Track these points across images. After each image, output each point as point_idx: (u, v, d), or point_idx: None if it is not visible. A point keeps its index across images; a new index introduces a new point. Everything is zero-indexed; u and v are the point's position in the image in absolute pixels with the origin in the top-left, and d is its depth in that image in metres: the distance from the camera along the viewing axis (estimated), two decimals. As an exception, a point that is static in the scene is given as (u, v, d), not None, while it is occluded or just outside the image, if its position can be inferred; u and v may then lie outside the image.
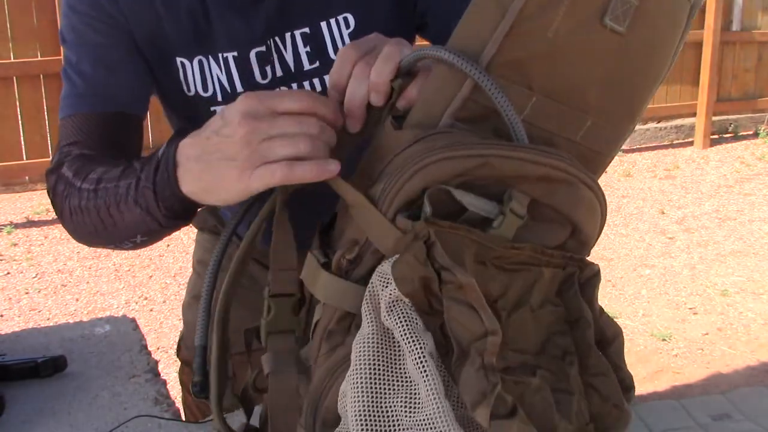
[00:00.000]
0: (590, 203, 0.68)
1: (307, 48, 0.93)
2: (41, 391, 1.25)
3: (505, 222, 0.63)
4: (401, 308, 0.60)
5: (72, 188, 0.88)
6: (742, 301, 3.73)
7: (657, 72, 0.70)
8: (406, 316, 0.60)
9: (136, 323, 1.51)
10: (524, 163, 0.63)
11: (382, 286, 0.61)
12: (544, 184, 0.65)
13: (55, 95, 4.78)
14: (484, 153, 0.62)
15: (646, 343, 3.31)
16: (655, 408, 2.72)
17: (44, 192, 5.36)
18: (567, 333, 0.68)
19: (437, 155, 0.62)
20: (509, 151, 0.63)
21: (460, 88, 0.65)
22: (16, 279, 3.90)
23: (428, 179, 0.62)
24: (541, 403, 0.62)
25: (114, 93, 0.94)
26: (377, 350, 0.61)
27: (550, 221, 0.67)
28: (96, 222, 0.86)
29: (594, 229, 0.71)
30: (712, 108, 6.59)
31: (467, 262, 0.62)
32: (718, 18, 6.48)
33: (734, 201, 5.30)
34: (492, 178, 0.63)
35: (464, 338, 0.59)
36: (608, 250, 4.39)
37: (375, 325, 0.61)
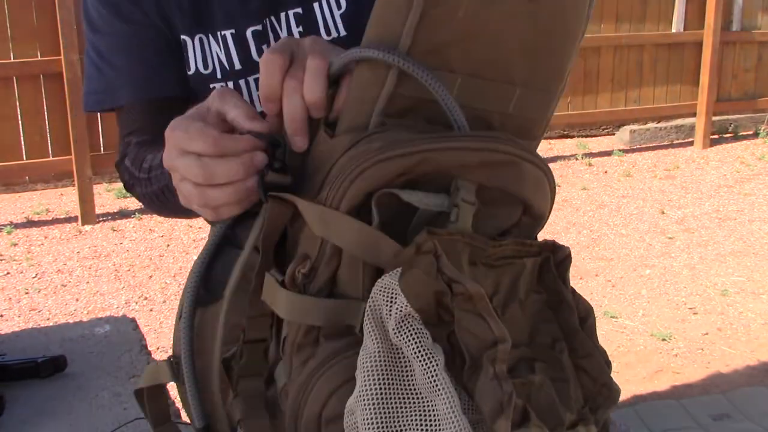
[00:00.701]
0: (536, 178, 0.68)
1: (299, 28, 0.93)
2: (41, 391, 1.25)
3: (460, 213, 0.63)
4: (411, 324, 0.59)
5: (134, 178, 0.93)
6: (742, 301, 3.73)
7: (574, 29, 0.70)
8: (416, 331, 0.59)
9: (136, 323, 1.51)
10: (462, 152, 0.63)
11: (386, 301, 0.60)
12: (486, 169, 0.65)
13: (55, 95, 4.78)
14: (420, 149, 0.62)
15: (646, 343, 3.31)
16: (655, 408, 2.72)
17: (44, 192, 5.37)
18: (552, 319, 0.69)
19: (374, 158, 0.62)
20: (445, 143, 0.63)
21: (383, 84, 0.65)
22: (16, 279, 3.90)
23: (370, 183, 0.62)
24: (546, 399, 0.63)
25: (149, 81, 0.95)
26: (385, 367, 0.60)
27: (501, 203, 0.67)
28: (160, 205, 0.91)
29: (545, 203, 0.70)
30: (712, 108, 6.59)
31: (464, 267, 0.62)
32: (718, 18, 6.48)
33: (734, 201, 5.30)
34: (434, 173, 0.63)
35: (475, 348, 0.59)
36: (608, 250, 4.39)
37: (380, 341, 0.60)
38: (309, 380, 0.64)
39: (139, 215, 4.77)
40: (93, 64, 0.97)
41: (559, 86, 0.72)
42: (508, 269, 0.66)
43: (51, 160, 4.89)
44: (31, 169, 4.95)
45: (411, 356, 0.59)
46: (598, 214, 4.99)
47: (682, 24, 6.69)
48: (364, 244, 0.63)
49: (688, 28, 6.69)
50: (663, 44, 6.68)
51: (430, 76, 0.63)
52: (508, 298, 0.66)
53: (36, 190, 5.18)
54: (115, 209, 4.92)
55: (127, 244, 4.40)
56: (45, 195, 5.13)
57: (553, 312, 0.69)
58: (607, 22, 6.49)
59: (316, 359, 0.65)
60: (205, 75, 0.95)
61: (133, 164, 0.93)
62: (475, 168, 0.64)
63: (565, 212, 4.97)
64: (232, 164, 0.66)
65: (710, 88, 6.55)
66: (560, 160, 6.10)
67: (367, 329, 0.61)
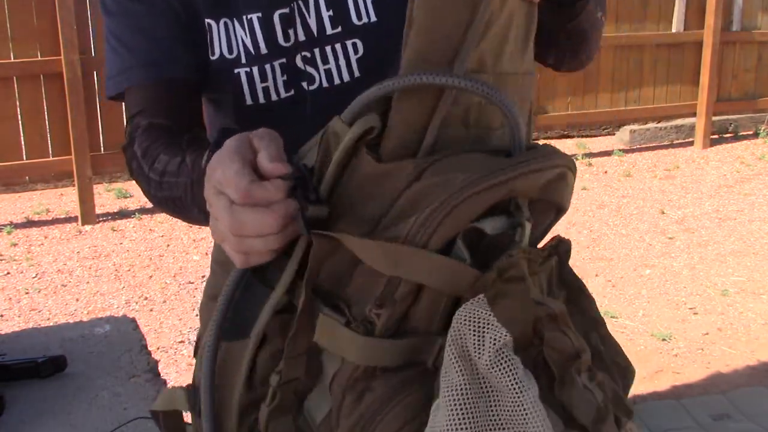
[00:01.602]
0: (571, 183, 0.69)
1: (329, 12, 0.92)
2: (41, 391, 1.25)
3: (524, 231, 0.63)
4: (507, 354, 0.58)
5: (142, 172, 0.91)
6: (742, 301, 3.73)
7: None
8: (512, 361, 0.58)
9: (136, 323, 1.51)
10: (536, 175, 0.63)
11: (473, 332, 0.58)
12: (545, 186, 0.65)
13: (55, 95, 4.78)
14: (506, 179, 0.61)
15: (646, 343, 3.31)
16: (655, 408, 2.72)
17: (44, 192, 5.36)
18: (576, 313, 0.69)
19: (463, 193, 0.59)
20: (522, 169, 0.62)
21: (437, 101, 0.62)
22: (16, 279, 3.90)
23: (461, 221, 0.60)
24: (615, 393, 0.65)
25: (160, 62, 0.94)
26: (473, 400, 0.59)
27: (543, 211, 0.68)
28: (167, 209, 0.91)
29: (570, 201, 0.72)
30: (712, 108, 6.59)
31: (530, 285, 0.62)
32: (718, 18, 6.48)
33: (734, 201, 5.30)
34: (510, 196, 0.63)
35: (561, 363, 0.60)
36: (608, 250, 4.39)
37: (466, 373, 0.59)
38: (371, 418, 0.62)
39: (139, 215, 4.77)
40: (110, 48, 0.96)
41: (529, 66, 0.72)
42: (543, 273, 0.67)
43: (51, 160, 4.89)
44: (31, 169, 4.95)
45: (505, 388, 0.57)
46: (598, 214, 4.99)
47: (682, 24, 6.69)
48: (444, 276, 0.61)
49: (688, 28, 6.69)
50: (663, 44, 6.68)
51: (495, 91, 0.61)
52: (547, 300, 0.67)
53: (36, 190, 5.18)
54: (115, 209, 4.92)
55: (127, 244, 4.40)
56: (45, 195, 5.13)
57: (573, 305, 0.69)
58: (607, 22, 6.47)
59: (373, 394, 0.63)
60: (229, 59, 0.94)
61: (144, 158, 0.91)
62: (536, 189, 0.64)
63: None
64: (264, 216, 0.62)
65: (710, 88, 6.55)
66: (560, 160, 6.10)
67: (450, 362, 0.59)
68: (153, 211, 4.85)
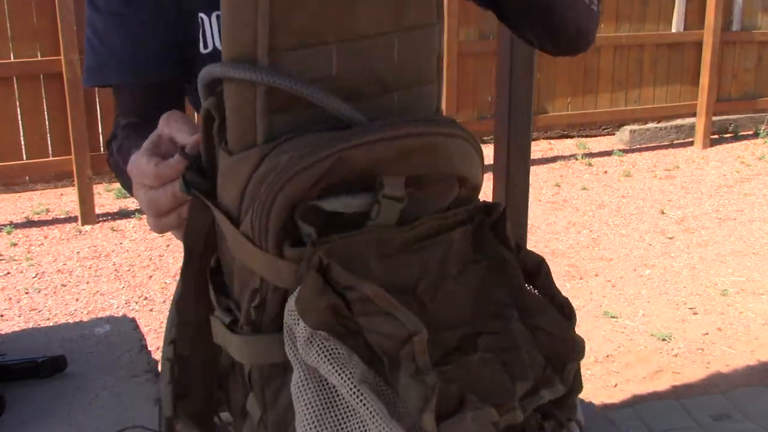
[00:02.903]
0: (461, 149, 0.65)
1: None
2: (41, 391, 1.25)
3: (381, 210, 0.60)
4: (319, 342, 0.57)
5: (118, 167, 0.95)
6: (742, 301, 3.73)
7: None
8: (326, 348, 0.57)
9: (136, 323, 1.51)
10: (377, 145, 0.60)
11: (294, 324, 0.58)
12: (409, 158, 0.62)
13: (55, 95, 4.78)
14: (334, 150, 0.59)
15: (646, 343, 3.30)
16: (655, 408, 2.72)
17: (44, 192, 5.36)
18: (498, 284, 0.65)
19: (290, 171, 0.58)
20: (358, 139, 0.60)
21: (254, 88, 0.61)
22: (16, 279, 3.90)
23: (290, 199, 0.59)
24: (491, 376, 0.60)
25: (140, 65, 0.95)
26: (314, 392, 0.58)
27: (436, 184, 0.64)
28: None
29: (477, 170, 0.68)
30: (712, 108, 6.59)
31: (373, 264, 0.60)
32: (718, 18, 6.48)
33: (734, 201, 5.30)
34: (357, 171, 0.60)
35: (391, 347, 0.57)
36: (608, 250, 4.39)
37: (303, 366, 0.59)
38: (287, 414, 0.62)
39: (139, 215, 4.77)
40: (89, 41, 0.98)
41: (432, 16, 0.67)
42: (432, 249, 0.63)
43: (51, 160, 4.89)
44: (31, 169, 4.95)
45: (327, 375, 0.57)
46: (598, 214, 4.99)
47: (682, 24, 6.69)
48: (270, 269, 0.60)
49: (688, 28, 6.69)
50: (663, 44, 6.68)
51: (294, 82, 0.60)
52: (438, 278, 0.63)
53: (36, 190, 5.18)
54: (115, 209, 4.92)
55: (127, 244, 4.40)
56: (45, 195, 5.13)
57: (498, 276, 0.66)
58: (607, 22, 6.49)
59: (287, 388, 0.62)
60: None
61: (119, 152, 0.95)
62: (396, 161, 0.61)
63: (565, 212, 4.97)
64: (168, 190, 0.68)
65: (710, 88, 6.55)
66: (560, 160, 6.10)
67: (289, 355, 0.59)
68: (153, 211, 4.85)
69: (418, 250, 0.63)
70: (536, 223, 4.70)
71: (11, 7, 4.71)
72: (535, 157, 5.94)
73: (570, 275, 4.02)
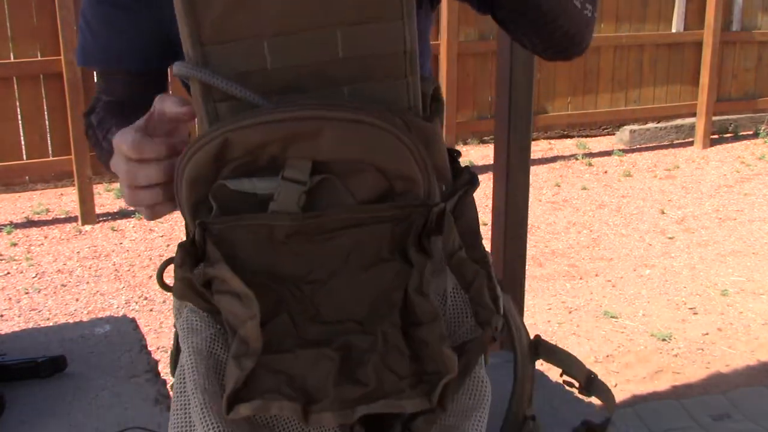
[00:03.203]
0: (374, 137, 0.64)
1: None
2: (41, 391, 1.24)
3: (282, 192, 0.63)
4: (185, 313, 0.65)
5: (97, 140, 0.99)
6: (742, 301, 3.73)
7: None
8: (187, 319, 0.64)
9: (136, 323, 1.51)
10: (264, 127, 0.63)
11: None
12: (310, 142, 0.63)
13: (55, 95, 4.78)
14: (217, 133, 0.63)
15: (646, 343, 3.30)
16: (655, 408, 2.72)
17: (44, 192, 5.35)
18: (399, 287, 0.65)
19: (186, 154, 0.65)
20: (244, 121, 0.63)
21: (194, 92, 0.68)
22: (16, 279, 3.90)
23: (193, 177, 0.65)
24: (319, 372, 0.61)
25: (122, 54, 0.97)
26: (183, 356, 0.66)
27: (352, 172, 0.65)
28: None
29: (401, 162, 0.65)
30: (712, 108, 6.59)
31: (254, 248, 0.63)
32: (718, 18, 6.48)
33: (734, 201, 5.30)
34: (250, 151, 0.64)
35: (235, 326, 0.61)
36: (608, 250, 4.39)
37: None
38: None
39: (139, 215, 4.77)
40: (81, 24, 1.00)
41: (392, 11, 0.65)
42: (337, 240, 0.64)
43: (51, 160, 4.89)
44: (31, 169, 4.95)
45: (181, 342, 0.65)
46: (598, 214, 4.99)
47: (682, 24, 6.69)
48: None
49: (688, 28, 6.69)
50: (663, 44, 6.67)
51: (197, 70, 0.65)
52: (335, 271, 0.64)
53: (36, 190, 5.18)
54: (115, 209, 4.92)
55: (127, 244, 4.40)
56: (45, 195, 5.13)
57: (402, 279, 0.65)
58: (607, 22, 6.49)
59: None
60: None
61: (99, 126, 0.99)
62: (288, 143, 0.63)
63: (565, 212, 4.97)
64: (150, 169, 0.71)
65: (710, 88, 6.55)
66: (560, 160, 6.10)
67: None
68: (153, 211, 4.85)
69: (318, 241, 0.64)
70: (536, 223, 4.70)
71: (11, 7, 4.70)
72: (535, 157, 5.94)
73: (570, 275, 4.02)
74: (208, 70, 0.64)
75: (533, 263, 4.08)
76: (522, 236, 2.22)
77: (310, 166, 0.63)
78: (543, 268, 4.10)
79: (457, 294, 0.69)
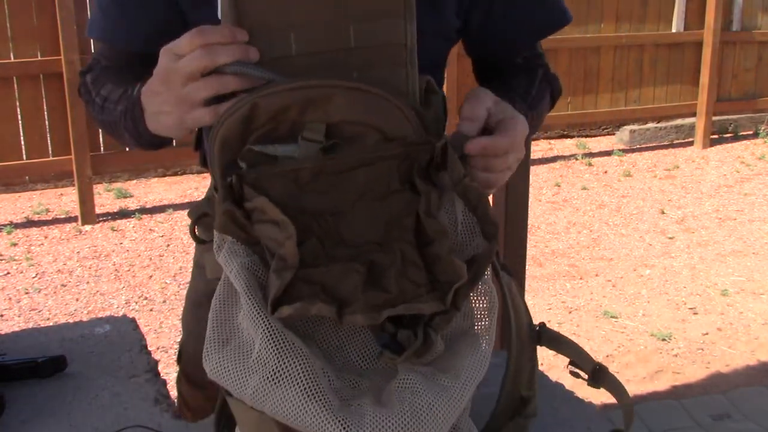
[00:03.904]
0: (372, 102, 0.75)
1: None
2: (41, 391, 1.24)
3: (300, 149, 0.74)
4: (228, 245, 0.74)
5: (90, 96, 1.03)
6: (742, 301, 3.73)
7: None
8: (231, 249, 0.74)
9: (136, 323, 1.51)
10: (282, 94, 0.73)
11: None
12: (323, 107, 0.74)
13: (55, 95, 4.78)
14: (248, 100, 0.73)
15: (646, 343, 3.31)
16: (655, 408, 2.72)
17: (44, 192, 5.36)
18: (410, 213, 0.75)
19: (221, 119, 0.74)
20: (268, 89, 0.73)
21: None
22: (16, 279, 3.90)
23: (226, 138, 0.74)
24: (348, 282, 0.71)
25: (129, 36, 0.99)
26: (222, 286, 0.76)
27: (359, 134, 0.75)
28: (106, 130, 1.03)
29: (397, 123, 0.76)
30: (712, 108, 6.59)
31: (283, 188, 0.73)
32: (718, 18, 6.48)
33: (734, 201, 5.30)
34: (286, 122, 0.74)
35: (274, 248, 0.71)
36: (608, 250, 4.39)
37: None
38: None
39: (139, 215, 4.77)
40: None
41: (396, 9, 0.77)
42: (352, 178, 0.74)
43: (51, 160, 4.89)
44: (31, 169, 4.95)
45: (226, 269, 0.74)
46: (598, 214, 4.99)
47: (682, 24, 6.69)
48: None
49: (688, 28, 6.69)
50: (663, 44, 6.67)
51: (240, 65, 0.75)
52: (353, 202, 0.75)
53: (36, 190, 5.18)
54: (115, 209, 4.92)
55: (127, 244, 4.40)
56: (45, 195, 5.13)
57: (413, 206, 0.75)
58: (607, 22, 6.49)
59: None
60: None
61: (93, 84, 1.03)
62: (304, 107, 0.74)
63: (565, 212, 4.97)
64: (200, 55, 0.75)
65: (710, 88, 6.55)
66: (560, 160, 6.10)
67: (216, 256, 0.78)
68: (153, 211, 4.85)
69: (337, 179, 0.74)
70: (536, 223, 4.70)
71: (11, 7, 4.70)
72: (535, 157, 5.94)
73: (570, 275, 4.03)
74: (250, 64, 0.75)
75: (533, 263, 4.08)
76: (522, 236, 2.22)
77: (324, 129, 0.74)
78: (543, 268, 4.10)
79: (466, 216, 0.79)
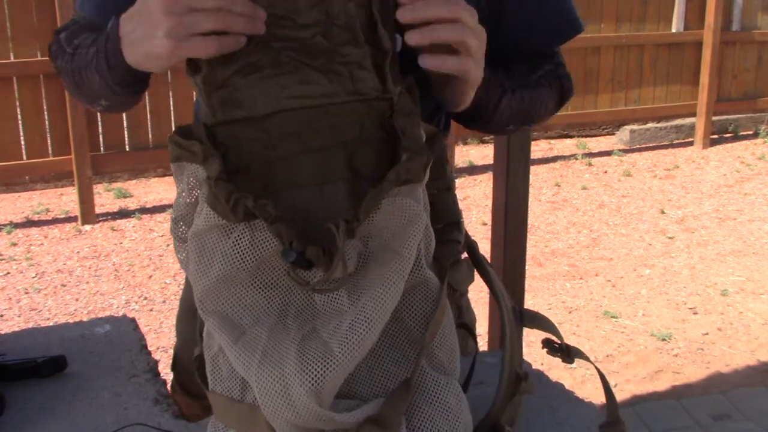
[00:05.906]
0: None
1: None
2: (41, 391, 1.24)
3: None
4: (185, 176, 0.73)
5: (61, 50, 0.98)
6: (742, 301, 3.73)
7: None
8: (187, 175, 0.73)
9: (136, 323, 1.51)
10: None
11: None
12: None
13: (55, 95, 4.78)
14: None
15: (646, 343, 3.31)
16: (655, 408, 2.72)
17: (44, 192, 5.35)
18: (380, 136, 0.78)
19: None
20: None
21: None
22: (16, 279, 3.90)
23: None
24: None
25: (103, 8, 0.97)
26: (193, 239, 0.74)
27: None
28: (72, 82, 0.96)
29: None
30: (712, 108, 6.59)
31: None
32: (718, 18, 6.48)
33: (734, 201, 5.30)
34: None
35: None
36: (608, 250, 4.39)
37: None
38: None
39: (139, 215, 4.77)
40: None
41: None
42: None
43: (51, 160, 4.89)
44: (31, 169, 4.95)
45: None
46: (598, 214, 4.99)
47: (682, 24, 6.69)
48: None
49: (688, 28, 6.69)
50: (663, 44, 6.68)
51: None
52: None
53: (36, 190, 5.18)
54: (115, 209, 4.92)
55: (127, 244, 4.40)
56: (45, 195, 5.13)
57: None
58: (607, 22, 6.49)
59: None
60: None
61: (67, 39, 0.98)
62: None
63: (565, 212, 4.97)
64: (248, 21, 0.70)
65: (710, 88, 6.55)
66: (560, 160, 6.10)
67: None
68: (153, 211, 4.85)
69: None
70: (536, 223, 4.70)
71: (11, 7, 4.70)
72: (535, 157, 5.94)
73: (570, 275, 4.03)
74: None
75: (533, 263, 4.08)
76: (522, 236, 2.22)
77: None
78: (543, 268, 4.10)
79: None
